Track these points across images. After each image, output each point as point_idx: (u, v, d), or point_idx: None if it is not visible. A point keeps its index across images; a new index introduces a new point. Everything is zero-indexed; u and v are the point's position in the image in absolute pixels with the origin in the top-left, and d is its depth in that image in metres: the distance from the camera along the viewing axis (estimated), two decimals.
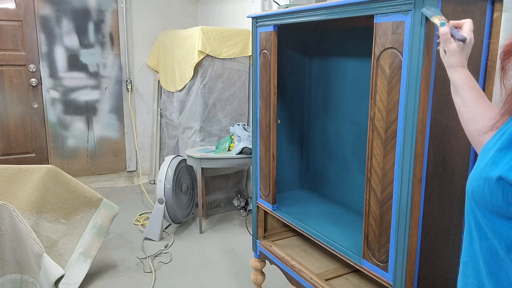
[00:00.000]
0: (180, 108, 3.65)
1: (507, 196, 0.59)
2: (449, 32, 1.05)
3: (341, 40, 2.04)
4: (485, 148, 0.68)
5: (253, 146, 2.11)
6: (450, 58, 1.06)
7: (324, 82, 2.17)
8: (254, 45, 1.99)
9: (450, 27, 1.06)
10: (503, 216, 0.60)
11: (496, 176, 0.61)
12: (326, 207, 2.07)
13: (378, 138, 1.36)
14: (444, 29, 1.05)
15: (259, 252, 2.17)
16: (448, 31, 1.05)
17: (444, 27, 1.06)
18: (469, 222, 0.70)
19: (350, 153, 2.06)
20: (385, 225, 1.38)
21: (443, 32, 1.06)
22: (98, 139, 4.25)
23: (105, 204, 2.60)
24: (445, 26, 1.06)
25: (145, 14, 4.25)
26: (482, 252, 0.67)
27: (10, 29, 3.71)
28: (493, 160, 0.63)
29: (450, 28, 1.06)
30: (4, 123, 3.82)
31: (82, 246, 2.44)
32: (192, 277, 2.60)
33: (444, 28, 1.06)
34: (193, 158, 3.09)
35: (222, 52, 3.34)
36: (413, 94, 1.22)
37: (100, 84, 4.18)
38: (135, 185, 4.40)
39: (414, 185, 1.27)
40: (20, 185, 2.35)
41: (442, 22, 1.08)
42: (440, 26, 1.07)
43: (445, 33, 1.05)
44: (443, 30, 1.06)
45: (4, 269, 1.90)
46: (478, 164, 0.68)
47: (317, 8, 1.55)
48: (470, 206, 0.68)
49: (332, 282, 1.76)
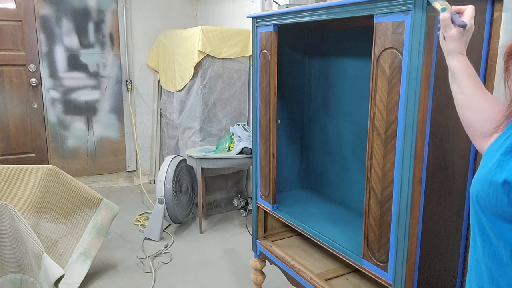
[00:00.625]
0: (180, 108, 3.65)
1: None
2: (450, 18, 1.04)
3: (341, 40, 2.04)
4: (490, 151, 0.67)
5: (253, 146, 2.11)
6: (449, 44, 1.05)
7: (324, 82, 2.17)
8: (254, 45, 1.99)
9: (452, 12, 1.04)
10: (508, 220, 0.60)
11: (501, 180, 0.60)
12: (326, 207, 2.07)
13: (378, 138, 1.37)
14: (445, 14, 1.04)
15: (259, 252, 2.17)
16: (448, 17, 1.04)
17: (445, 13, 1.04)
18: (473, 227, 0.69)
19: (350, 153, 2.06)
20: (385, 225, 1.38)
21: (443, 18, 1.04)
22: (98, 139, 4.25)
23: (105, 204, 2.60)
24: (446, 12, 1.04)
25: (145, 14, 4.25)
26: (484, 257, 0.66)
27: (10, 29, 3.71)
28: (498, 164, 0.62)
29: (451, 14, 1.04)
30: (4, 123, 3.82)
31: (82, 246, 2.44)
32: (192, 277, 2.60)
33: (444, 14, 1.04)
34: (193, 158, 3.09)
35: (222, 52, 3.35)
36: (413, 94, 1.22)
37: (100, 84, 4.18)
38: (135, 185, 4.40)
39: (414, 185, 1.27)
40: (20, 185, 2.35)
41: (443, 8, 1.06)
42: (441, 11, 1.05)
43: (445, 18, 1.03)
44: (443, 15, 1.04)
45: (4, 269, 1.90)
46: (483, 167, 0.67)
47: (317, 8, 1.55)
48: (475, 210, 0.67)
49: (332, 282, 1.76)
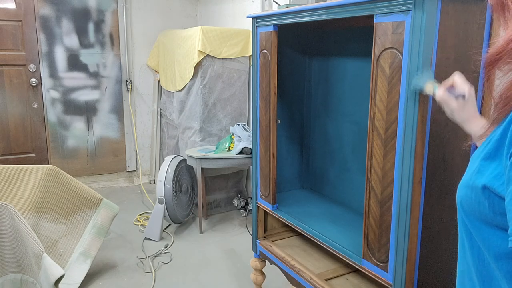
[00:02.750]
0: (180, 108, 3.65)
1: (493, 205, 0.59)
2: (445, 94, 1.02)
3: (341, 40, 2.04)
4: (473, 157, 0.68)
5: (253, 146, 2.11)
6: (458, 115, 1.02)
7: (324, 82, 2.17)
8: (254, 45, 1.99)
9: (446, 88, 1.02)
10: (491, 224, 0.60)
11: (481, 185, 0.61)
12: (326, 207, 2.07)
13: (378, 138, 1.36)
14: (439, 93, 1.02)
15: (259, 252, 2.17)
16: (443, 94, 1.02)
17: (439, 92, 1.02)
18: (461, 232, 0.70)
19: (350, 153, 2.06)
20: (385, 225, 1.38)
21: (440, 98, 1.02)
22: (98, 139, 4.25)
23: (105, 204, 2.60)
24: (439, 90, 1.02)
25: (145, 14, 4.25)
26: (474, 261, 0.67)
27: (10, 29, 3.71)
28: (478, 169, 0.63)
29: (446, 90, 1.02)
30: (4, 123, 3.82)
31: (82, 246, 2.44)
32: (192, 277, 2.60)
33: (439, 94, 1.02)
34: (193, 158, 3.09)
35: (222, 52, 3.34)
36: (413, 94, 1.22)
37: (100, 84, 4.18)
38: (135, 185, 4.40)
39: (414, 185, 1.27)
40: (20, 185, 2.35)
41: (435, 87, 1.05)
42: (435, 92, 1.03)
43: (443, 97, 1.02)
44: (439, 96, 1.02)
45: (4, 269, 1.90)
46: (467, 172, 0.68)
47: (317, 8, 1.55)
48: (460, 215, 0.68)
49: (332, 282, 1.76)
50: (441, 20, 1.20)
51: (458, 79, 1.01)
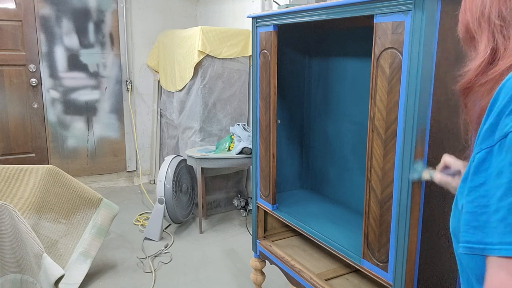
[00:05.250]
0: (180, 108, 3.65)
1: None
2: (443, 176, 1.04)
3: (341, 40, 2.04)
4: None
5: (253, 146, 2.11)
6: None
7: (324, 82, 2.17)
8: (254, 45, 1.99)
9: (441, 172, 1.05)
10: None
11: (460, 206, 0.64)
12: (326, 207, 2.07)
13: (378, 138, 1.36)
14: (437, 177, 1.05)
15: (259, 252, 2.17)
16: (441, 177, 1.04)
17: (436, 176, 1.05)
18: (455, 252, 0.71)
19: (350, 153, 2.06)
20: (385, 225, 1.38)
21: (440, 181, 1.05)
22: (98, 139, 4.25)
23: (105, 204, 2.60)
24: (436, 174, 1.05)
25: (145, 14, 4.25)
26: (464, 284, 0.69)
27: (10, 29, 3.71)
28: (459, 191, 0.66)
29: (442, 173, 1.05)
30: (4, 123, 3.82)
31: (82, 246, 2.44)
32: (192, 277, 2.60)
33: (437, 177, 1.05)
34: (193, 158, 3.09)
35: (222, 52, 3.34)
36: (413, 94, 1.22)
37: (100, 84, 4.18)
38: (135, 185, 4.40)
39: (414, 185, 1.27)
40: (20, 185, 2.35)
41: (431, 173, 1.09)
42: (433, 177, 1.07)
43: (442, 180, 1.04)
44: (437, 179, 1.05)
45: (4, 269, 1.90)
46: None
47: (317, 8, 1.55)
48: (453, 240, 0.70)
49: (332, 282, 1.76)
50: (441, 20, 1.20)
51: (449, 159, 1.04)
